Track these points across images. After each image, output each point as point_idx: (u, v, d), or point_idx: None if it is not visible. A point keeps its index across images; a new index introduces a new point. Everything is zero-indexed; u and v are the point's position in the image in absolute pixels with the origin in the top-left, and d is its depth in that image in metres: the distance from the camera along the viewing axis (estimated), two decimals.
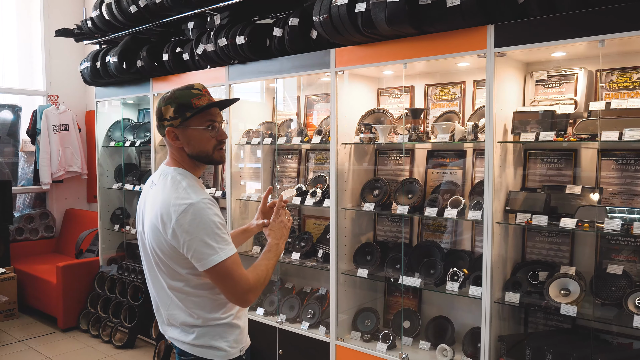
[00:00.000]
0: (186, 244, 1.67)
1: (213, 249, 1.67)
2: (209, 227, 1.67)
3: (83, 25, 4.62)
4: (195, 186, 1.77)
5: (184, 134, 1.76)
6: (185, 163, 1.82)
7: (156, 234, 1.74)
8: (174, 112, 1.74)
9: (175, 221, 1.67)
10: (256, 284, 1.77)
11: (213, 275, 1.70)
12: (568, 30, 2.36)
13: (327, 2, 2.91)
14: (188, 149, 1.78)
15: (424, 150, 3.39)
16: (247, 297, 1.75)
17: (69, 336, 4.83)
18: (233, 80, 3.79)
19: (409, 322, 3.26)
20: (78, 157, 6.04)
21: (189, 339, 1.83)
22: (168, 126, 1.75)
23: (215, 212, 1.71)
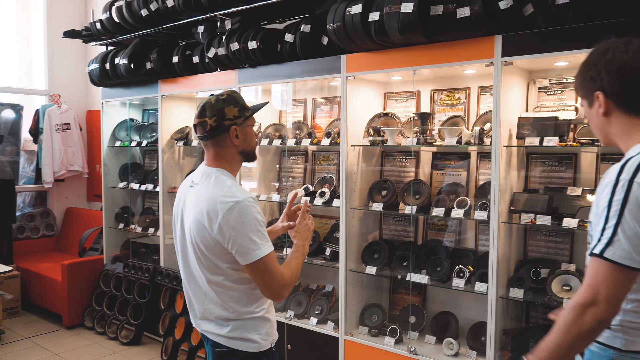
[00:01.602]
0: (232, 239, 1.78)
1: (257, 245, 1.79)
2: (253, 224, 1.79)
3: (91, 27, 4.70)
4: (238, 185, 1.89)
5: (243, 132, 1.92)
6: (228, 163, 1.94)
7: (201, 230, 1.84)
8: (238, 112, 1.89)
9: (222, 217, 1.78)
10: (290, 279, 1.90)
11: (254, 269, 1.82)
12: (572, 42, 2.52)
13: (341, 11, 3.03)
14: (243, 146, 1.93)
15: (429, 152, 3.54)
16: (282, 292, 1.87)
17: (75, 333, 4.90)
18: (243, 84, 3.90)
19: (414, 318, 3.40)
20: (79, 156, 6.10)
21: (224, 331, 1.95)
22: (232, 125, 1.87)
23: (258, 210, 1.83)
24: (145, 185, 4.87)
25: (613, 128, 1.49)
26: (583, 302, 1.37)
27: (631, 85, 1.42)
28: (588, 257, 1.43)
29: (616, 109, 1.47)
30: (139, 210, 5.33)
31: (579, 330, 1.37)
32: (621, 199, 1.34)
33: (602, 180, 1.43)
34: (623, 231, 1.34)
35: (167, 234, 4.66)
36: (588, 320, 1.36)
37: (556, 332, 1.42)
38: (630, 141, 1.46)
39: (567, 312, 1.41)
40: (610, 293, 1.35)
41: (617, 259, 1.34)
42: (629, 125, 1.46)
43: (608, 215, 1.36)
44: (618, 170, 1.38)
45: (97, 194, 6.29)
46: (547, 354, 1.42)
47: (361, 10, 2.94)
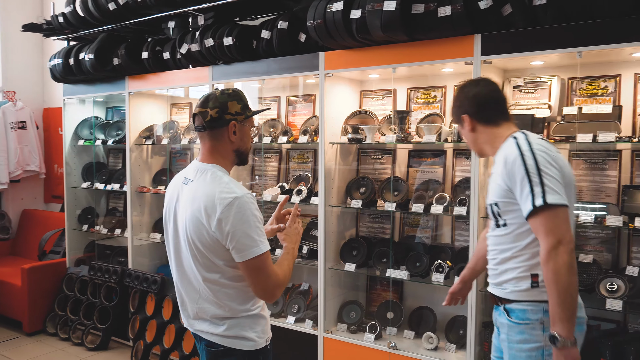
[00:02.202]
0: (230, 234, 1.75)
1: (254, 242, 1.77)
2: (252, 220, 1.77)
3: (53, 21, 4.51)
4: (235, 181, 1.86)
5: (242, 130, 1.91)
6: (223, 160, 1.91)
7: (198, 226, 1.81)
8: (240, 109, 1.88)
9: (221, 213, 1.75)
10: (284, 279, 1.88)
11: (249, 267, 1.79)
12: (549, 42, 2.60)
13: (322, 7, 3.03)
14: (238, 144, 1.91)
15: (405, 150, 3.58)
16: (275, 291, 1.86)
17: (36, 340, 4.69)
18: (217, 81, 3.84)
19: (392, 313, 3.44)
20: (36, 155, 5.85)
21: (220, 330, 1.91)
22: (232, 119, 1.86)
23: (256, 207, 1.81)
24: (110, 185, 4.72)
25: (481, 138, 2.00)
26: (552, 247, 1.70)
27: (483, 107, 1.97)
28: (493, 232, 1.93)
29: (478, 124, 1.99)
30: (103, 211, 5.15)
31: (565, 268, 1.68)
32: (534, 163, 1.75)
33: (504, 164, 1.82)
34: (548, 182, 1.72)
35: (136, 235, 4.53)
36: (564, 257, 1.69)
37: (551, 287, 1.70)
38: (497, 142, 1.95)
39: (544, 265, 1.72)
40: (566, 228, 1.72)
41: (557, 200, 1.71)
42: (491, 133, 1.97)
43: (530, 178, 1.74)
44: (516, 149, 1.80)
45: (56, 195, 6.05)
46: (561, 308, 1.69)
47: (342, 7, 2.94)
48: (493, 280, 1.99)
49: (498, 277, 1.94)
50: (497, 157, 1.91)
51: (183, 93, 4.68)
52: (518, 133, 1.89)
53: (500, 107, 1.99)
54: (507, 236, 1.88)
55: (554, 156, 1.79)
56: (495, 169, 1.93)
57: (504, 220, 1.88)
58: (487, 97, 1.98)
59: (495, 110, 1.98)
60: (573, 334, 1.70)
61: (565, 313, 1.69)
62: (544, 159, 1.76)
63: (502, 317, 1.93)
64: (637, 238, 2.83)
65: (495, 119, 1.97)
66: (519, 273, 1.86)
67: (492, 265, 1.99)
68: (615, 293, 2.62)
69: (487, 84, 2.02)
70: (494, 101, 1.98)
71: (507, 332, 1.91)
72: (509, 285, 1.89)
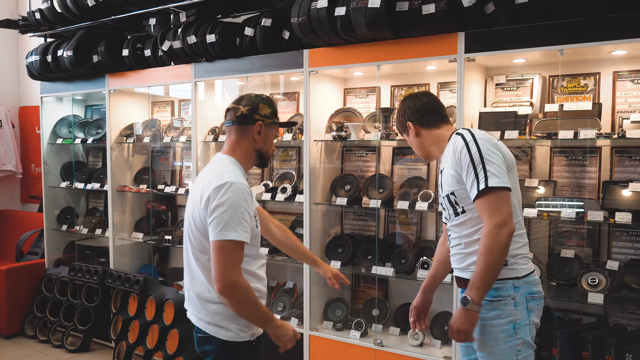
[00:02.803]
0: (211, 212, 1.85)
1: (231, 226, 1.82)
2: (237, 207, 1.84)
3: (30, 17, 4.41)
4: (238, 173, 1.96)
5: (266, 133, 2.05)
6: (243, 155, 2.04)
7: (194, 207, 1.94)
8: (270, 114, 2.05)
9: (212, 192, 1.86)
10: (240, 290, 1.84)
11: (216, 247, 1.84)
12: (531, 40, 2.64)
13: (306, 5, 3.02)
14: (261, 145, 2.05)
15: (389, 147, 3.60)
16: (226, 289, 1.84)
17: (14, 342, 4.60)
18: (199, 78, 3.80)
19: (378, 311, 3.45)
20: (12, 155, 5.72)
21: (203, 315, 1.98)
22: (260, 120, 2.02)
23: (246, 199, 1.88)
24: (90, 184, 4.64)
25: (426, 141, 2.19)
26: (494, 226, 1.85)
27: (423, 114, 2.17)
28: (453, 222, 2.08)
29: (422, 129, 2.18)
30: (82, 211, 5.07)
31: (499, 247, 1.85)
32: (477, 151, 1.94)
33: (453, 154, 2.00)
34: (490, 167, 1.90)
35: (117, 235, 4.47)
36: (502, 238, 1.85)
37: (481, 259, 1.87)
38: (440, 142, 2.15)
39: (483, 240, 1.88)
40: (507, 211, 1.88)
41: (498, 184, 1.88)
42: (434, 135, 2.17)
43: (474, 165, 1.92)
44: (462, 140, 1.98)
45: (33, 195, 5.94)
46: (482, 279, 1.87)
47: (327, 4, 2.94)
48: (459, 265, 2.11)
49: (464, 260, 2.07)
50: (446, 153, 2.10)
51: (164, 91, 4.63)
52: (460, 129, 2.07)
53: (439, 112, 2.19)
54: (468, 221, 2.03)
55: (494, 143, 1.99)
56: (444, 164, 2.10)
57: (462, 207, 2.03)
58: (426, 105, 2.18)
59: (435, 115, 2.17)
60: (481, 302, 1.89)
61: (484, 284, 1.87)
62: (486, 147, 1.94)
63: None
64: (617, 233, 2.89)
65: (436, 123, 2.17)
66: None
67: (457, 251, 2.11)
68: (597, 287, 2.67)
69: (425, 95, 2.25)
70: (433, 108, 2.18)
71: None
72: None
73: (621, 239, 2.88)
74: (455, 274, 2.16)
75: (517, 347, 1.95)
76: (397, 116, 2.29)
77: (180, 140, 4.12)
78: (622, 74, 2.87)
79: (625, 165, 2.86)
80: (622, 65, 2.87)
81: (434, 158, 2.25)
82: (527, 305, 1.98)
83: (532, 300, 1.99)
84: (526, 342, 1.96)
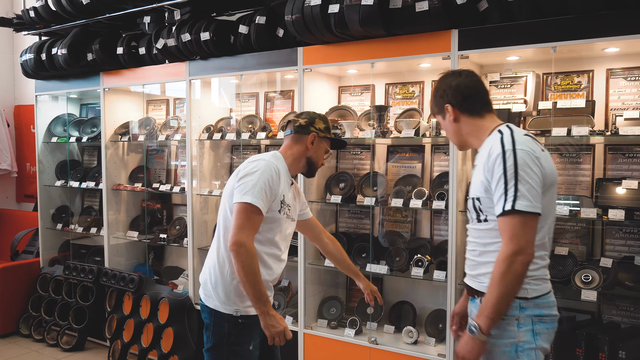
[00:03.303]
0: (239, 179, 2.09)
1: (250, 191, 2.04)
2: (261, 180, 2.06)
3: (24, 15, 4.40)
4: (278, 161, 2.18)
5: (318, 144, 2.27)
6: (292, 156, 2.25)
7: (230, 183, 2.16)
8: (324, 129, 2.28)
9: (245, 164, 2.14)
10: (245, 252, 2.00)
11: (235, 209, 2.06)
12: (524, 37, 2.64)
13: (299, 2, 3.01)
14: (312, 154, 2.27)
15: (384, 145, 3.60)
16: (234, 245, 2.01)
17: (9, 342, 4.59)
18: (194, 76, 3.80)
19: (372, 309, 3.44)
20: (7, 154, 5.71)
21: (202, 282, 2.23)
22: (314, 132, 2.25)
23: (272, 174, 2.09)
24: (85, 183, 4.64)
25: (464, 129, 1.96)
26: (512, 253, 1.68)
27: (467, 96, 1.93)
28: (474, 225, 1.90)
29: (462, 115, 1.94)
30: (77, 210, 5.06)
31: (513, 277, 1.69)
32: (513, 164, 1.71)
33: (487, 159, 1.79)
34: (523, 187, 1.69)
35: (112, 234, 4.46)
36: (519, 267, 1.69)
37: (494, 286, 1.72)
38: (480, 134, 1.92)
39: (498, 266, 1.72)
40: (529, 239, 1.70)
41: (526, 208, 1.68)
42: (475, 124, 1.93)
43: (506, 179, 1.71)
44: (500, 145, 1.76)
45: (28, 194, 5.92)
46: (493, 307, 1.72)
47: (320, 2, 2.93)
48: (470, 272, 1.97)
49: (475, 268, 1.93)
50: (482, 151, 1.88)
51: (159, 90, 4.62)
52: (504, 127, 1.85)
53: (483, 98, 1.96)
54: (488, 231, 1.85)
55: (536, 157, 1.74)
56: (479, 162, 1.88)
57: (485, 216, 1.85)
58: (471, 88, 1.93)
59: (479, 101, 1.94)
60: (489, 331, 1.75)
61: (494, 313, 1.73)
62: (524, 161, 1.71)
63: (477, 311, 1.88)
64: (610, 230, 2.89)
65: (479, 110, 1.93)
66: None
67: (470, 256, 1.97)
68: (590, 284, 2.68)
69: (470, 75, 1.97)
70: (478, 92, 1.95)
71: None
72: (486, 279, 1.85)
73: (615, 236, 2.88)
74: (466, 280, 2.02)
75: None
76: (433, 94, 2.03)
77: (175, 138, 4.11)
78: (615, 71, 2.87)
79: (618, 162, 2.87)
80: (615, 63, 2.87)
81: (469, 148, 2.05)
82: (534, 327, 1.78)
83: (540, 323, 1.79)
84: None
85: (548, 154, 1.84)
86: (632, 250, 2.84)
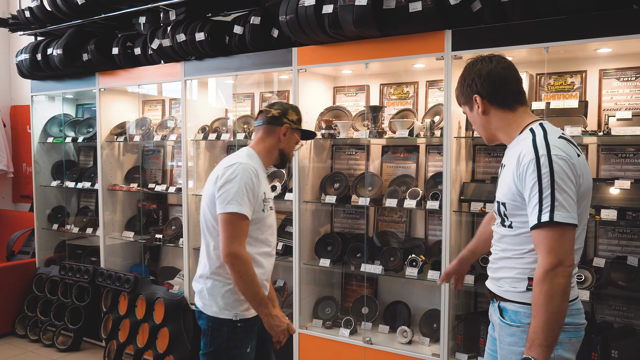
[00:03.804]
0: (219, 188, 2.06)
1: (233, 200, 2.03)
2: (242, 184, 2.05)
3: (19, 15, 4.40)
4: (253, 158, 2.17)
5: (290, 136, 2.28)
6: (265, 150, 2.25)
7: (209, 187, 2.15)
8: (296, 120, 2.30)
9: (222, 170, 2.10)
10: (240, 262, 2.02)
11: (221, 220, 2.05)
12: (517, 38, 2.65)
13: (294, 3, 3.02)
14: (284, 146, 2.28)
15: (378, 145, 3.60)
16: (228, 257, 2.02)
17: (5, 342, 4.58)
18: (189, 76, 3.80)
19: (367, 308, 3.45)
20: (3, 154, 5.71)
21: (197, 289, 2.21)
22: (287, 123, 2.25)
23: (252, 178, 2.08)
24: (81, 183, 4.64)
25: (493, 123, 1.81)
26: (551, 267, 1.55)
27: (498, 87, 1.75)
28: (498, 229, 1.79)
29: (491, 107, 1.79)
30: (74, 210, 5.06)
31: (560, 292, 1.54)
32: (548, 171, 1.58)
33: (517, 163, 1.65)
34: (560, 196, 1.56)
35: (108, 234, 4.46)
36: (561, 280, 1.55)
37: (539, 309, 1.56)
38: (510, 130, 1.78)
39: (538, 285, 1.57)
40: (567, 250, 1.57)
41: (565, 219, 1.56)
42: (505, 118, 1.78)
43: (541, 188, 1.58)
44: (533, 150, 1.62)
45: (25, 195, 5.92)
46: (544, 333, 1.55)
47: (314, 2, 2.94)
48: (491, 274, 1.88)
49: (496, 272, 1.84)
50: (512, 151, 1.76)
51: (156, 90, 4.63)
52: (536, 126, 1.72)
53: (518, 88, 1.79)
54: (512, 237, 1.75)
55: (573, 163, 1.61)
56: (508, 163, 1.76)
57: (510, 222, 1.74)
58: (503, 77, 1.76)
59: (511, 92, 1.77)
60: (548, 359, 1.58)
61: (547, 340, 1.55)
62: (561, 168, 1.58)
63: (495, 315, 1.84)
64: (603, 230, 2.90)
65: (511, 103, 1.77)
66: (516, 274, 1.75)
67: (494, 255, 1.87)
68: (583, 284, 2.68)
69: (502, 61, 1.79)
70: (511, 82, 1.77)
71: (499, 332, 1.83)
72: (505, 284, 1.79)
73: (607, 236, 2.89)
74: (487, 283, 1.91)
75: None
76: (460, 83, 1.86)
77: (171, 138, 4.11)
78: (608, 72, 2.88)
79: (611, 162, 2.88)
80: (608, 63, 2.89)
81: (497, 143, 1.89)
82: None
83: (563, 332, 1.62)
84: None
85: (584, 158, 1.70)
86: (624, 250, 2.85)
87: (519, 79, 1.80)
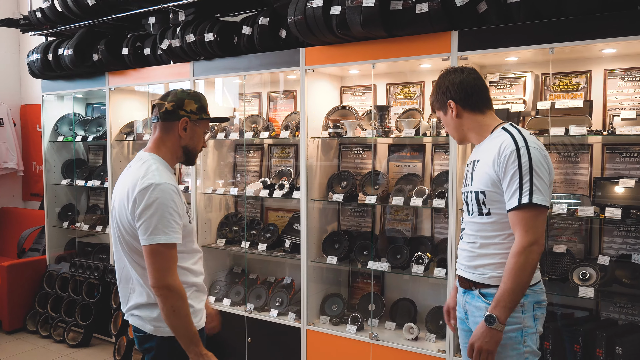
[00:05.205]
0: (139, 216, 1.80)
1: (158, 229, 1.79)
2: (164, 209, 1.81)
3: (30, 16, 4.47)
4: (164, 171, 1.91)
5: (193, 129, 1.99)
6: (169, 152, 1.98)
7: (121, 210, 1.88)
8: (196, 109, 1.98)
9: (137, 194, 1.81)
10: (174, 294, 1.81)
11: (147, 252, 1.80)
12: (522, 39, 2.68)
13: (302, 4, 3.07)
14: (187, 142, 2.00)
15: (385, 144, 3.64)
16: (161, 290, 1.80)
17: (16, 338, 4.66)
18: (198, 76, 3.85)
19: (374, 305, 3.50)
20: (14, 153, 5.78)
21: (143, 314, 1.94)
22: (185, 116, 1.96)
23: (173, 198, 1.84)
24: (91, 181, 4.70)
25: (466, 125, 2.04)
26: (529, 244, 1.80)
27: (470, 93, 2.00)
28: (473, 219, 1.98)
29: (464, 111, 2.02)
30: (83, 208, 5.12)
31: (531, 266, 1.81)
32: (528, 160, 1.82)
33: (497, 155, 1.87)
34: (537, 182, 1.81)
35: None
36: (535, 257, 1.81)
37: (511, 277, 1.81)
38: (482, 130, 2.02)
39: (515, 257, 1.81)
40: (542, 230, 1.83)
41: (541, 201, 1.80)
42: (477, 120, 2.02)
43: (521, 175, 1.82)
44: (512, 142, 1.85)
45: (34, 193, 5.99)
46: (510, 297, 1.81)
47: (322, 3, 2.98)
48: (468, 263, 2.02)
49: (473, 260, 1.99)
50: (485, 146, 1.98)
51: (164, 90, 4.67)
52: (509, 126, 1.95)
53: (486, 95, 2.04)
54: (491, 224, 1.93)
55: (545, 155, 1.87)
56: (482, 157, 1.97)
57: (488, 209, 1.93)
58: (474, 85, 2.01)
59: (482, 98, 2.02)
60: (506, 320, 1.83)
61: (511, 303, 1.82)
62: (537, 158, 1.83)
63: (478, 301, 1.97)
64: (608, 228, 2.94)
65: (481, 107, 2.02)
66: (500, 259, 1.92)
67: (469, 247, 2.02)
68: (588, 281, 2.72)
69: (472, 72, 2.05)
70: (480, 89, 2.02)
71: (478, 316, 1.96)
72: (488, 271, 1.95)
73: (612, 234, 2.92)
74: (459, 273, 2.08)
75: (525, 355, 1.90)
76: (435, 91, 2.09)
77: None
78: (612, 72, 2.91)
79: (615, 161, 2.91)
80: (612, 64, 2.92)
81: (468, 143, 2.15)
82: (534, 313, 1.93)
83: (539, 309, 1.94)
84: (533, 350, 1.92)
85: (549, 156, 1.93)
86: (629, 248, 2.88)
87: (486, 88, 2.06)
